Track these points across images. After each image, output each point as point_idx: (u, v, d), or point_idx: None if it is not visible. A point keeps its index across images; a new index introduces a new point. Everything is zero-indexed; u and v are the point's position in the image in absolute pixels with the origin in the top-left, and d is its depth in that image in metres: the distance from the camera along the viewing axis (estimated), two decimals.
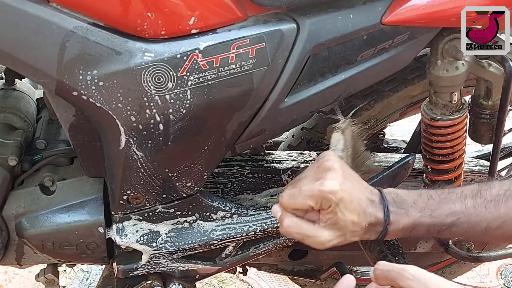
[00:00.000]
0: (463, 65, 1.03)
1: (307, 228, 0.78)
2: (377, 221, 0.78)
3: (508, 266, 2.05)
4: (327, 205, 0.76)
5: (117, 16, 0.79)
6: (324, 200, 0.76)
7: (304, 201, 0.77)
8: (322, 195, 0.76)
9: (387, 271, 0.65)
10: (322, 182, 0.76)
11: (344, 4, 0.90)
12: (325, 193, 0.75)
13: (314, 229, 0.78)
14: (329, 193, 0.75)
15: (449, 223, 0.78)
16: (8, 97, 1.09)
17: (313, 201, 0.76)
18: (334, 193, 0.75)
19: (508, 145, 1.46)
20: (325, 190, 0.75)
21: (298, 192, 0.77)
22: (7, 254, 1.05)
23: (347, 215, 0.76)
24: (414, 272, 0.63)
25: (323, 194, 0.76)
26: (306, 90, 0.93)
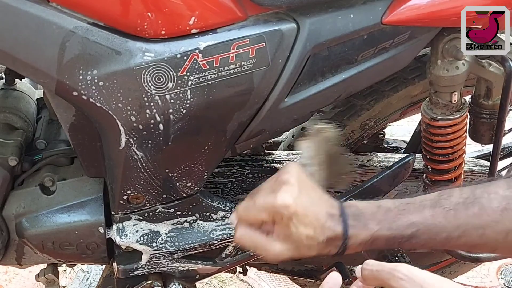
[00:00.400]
0: (463, 65, 1.03)
1: (260, 240, 0.76)
2: (336, 235, 0.75)
3: (508, 266, 2.05)
4: (279, 219, 0.74)
5: (117, 16, 0.79)
6: (276, 213, 0.74)
7: (257, 214, 0.75)
8: (274, 209, 0.74)
9: (376, 271, 0.61)
10: (275, 196, 0.74)
11: (344, 4, 0.90)
12: (277, 207, 0.73)
13: (267, 241, 0.76)
14: (281, 207, 0.73)
15: (409, 235, 0.74)
16: (8, 97, 1.09)
17: (265, 214, 0.74)
18: (287, 207, 0.73)
19: (508, 145, 1.46)
20: (277, 203, 0.73)
21: (252, 205, 0.76)
22: (7, 254, 1.05)
23: (301, 229, 0.74)
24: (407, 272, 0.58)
25: (275, 208, 0.73)
26: (306, 90, 0.93)
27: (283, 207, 0.73)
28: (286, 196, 0.74)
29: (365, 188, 1.12)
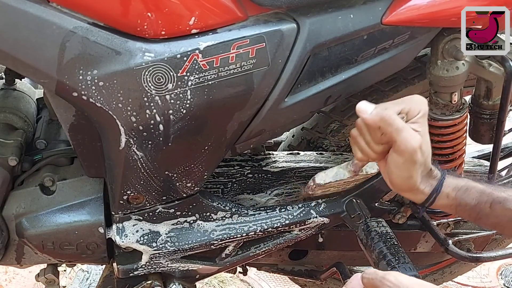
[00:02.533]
0: (463, 65, 1.03)
1: (400, 121, 0.79)
2: (435, 174, 0.85)
3: (508, 266, 2.05)
4: (415, 112, 0.80)
5: (117, 16, 0.79)
6: (414, 105, 0.80)
7: (395, 107, 0.80)
8: (411, 101, 0.80)
9: (372, 279, 0.69)
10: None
11: (344, 4, 0.90)
12: (415, 99, 0.81)
13: (407, 125, 0.80)
14: (419, 102, 0.81)
15: (504, 198, 0.81)
16: (8, 97, 1.09)
17: (403, 105, 0.80)
18: (424, 103, 0.81)
19: (508, 145, 1.46)
20: (414, 97, 0.81)
21: (387, 104, 0.81)
22: (7, 254, 1.05)
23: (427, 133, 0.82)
24: (394, 279, 0.66)
25: (413, 100, 0.81)
26: (306, 90, 0.93)
27: (421, 102, 0.82)
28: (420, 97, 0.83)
29: (365, 188, 1.12)
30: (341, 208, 1.11)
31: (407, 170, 0.82)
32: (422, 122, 0.81)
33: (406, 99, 0.82)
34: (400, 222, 1.22)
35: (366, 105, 0.81)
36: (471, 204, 0.84)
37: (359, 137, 0.85)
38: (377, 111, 0.79)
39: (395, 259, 0.99)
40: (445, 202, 0.85)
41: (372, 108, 0.80)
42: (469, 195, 0.83)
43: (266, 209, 1.09)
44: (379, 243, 1.02)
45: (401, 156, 0.80)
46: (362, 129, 0.83)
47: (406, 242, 1.26)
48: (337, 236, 1.25)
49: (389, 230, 1.06)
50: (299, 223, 1.09)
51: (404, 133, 0.79)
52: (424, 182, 0.84)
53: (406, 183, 0.83)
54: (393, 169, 0.82)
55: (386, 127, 0.79)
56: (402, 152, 0.80)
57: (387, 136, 0.80)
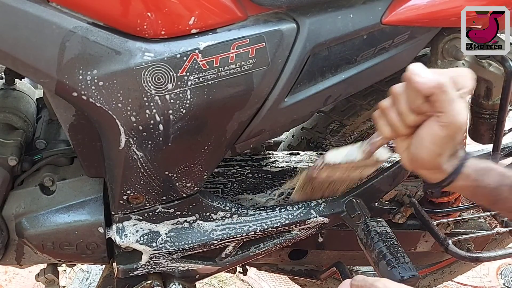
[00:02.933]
0: (463, 65, 1.03)
1: (454, 91, 0.75)
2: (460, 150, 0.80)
3: (508, 266, 2.06)
4: (461, 85, 0.75)
5: (117, 16, 0.79)
6: (461, 78, 0.76)
7: (447, 74, 0.75)
8: (460, 74, 0.76)
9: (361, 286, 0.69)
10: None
11: (344, 4, 0.90)
12: (464, 72, 0.77)
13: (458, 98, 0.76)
14: (467, 76, 0.77)
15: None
16: (8, 97, 1.09)
17: (453, 75, 0.75)
18: (471, 78, 0.77)
19: (508, 145, 1.46)
20: (463, 70, 0.77)
21: (439, 70, 0.76)
22: (7, 254, 1.05)
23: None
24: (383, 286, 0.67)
25: (462, 73, 0.77)
26: (306, 90, 0.93)
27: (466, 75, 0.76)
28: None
29: (365, 188, 1.12)
30: (341, 208, 1.11)
31: (442, 147, 0.76)
32: (465, 98, 0.76)
33: (455, 70, 0.76)
34: (400, 222, 1.22)
35: (420, 67, 0.74)
36: (490, 187, 0.79)
37: (390, 109, 0.79)
38: (434, 76, 0.73)
39: (395, 259, 0.99)
40: (464, 183, 0.80)
41: (427, 72, 0.74)
42: (489, 176, 0.79)
43: (266, 209, 1.09)
44: (379, 243, 1.02)
45: (445, 130, 0.74)
46: (399, 97, 0.77)
47: (406, 242, 1.26)
48: (337, 236, 1.25)
49: (389, 230, 1.06)
50: (299, 223, 1.09)
51: (457, 105, 0.74)
52: (447, 161, 0.79)
53: (433, 161, 0.78)
54: (426, 143, 0.76)
55: (440, 94, 0.73)
56: (448, 125, 0.74)
57: (435, 105, 0.74)
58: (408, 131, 0.79)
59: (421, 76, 0.73)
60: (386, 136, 0.82)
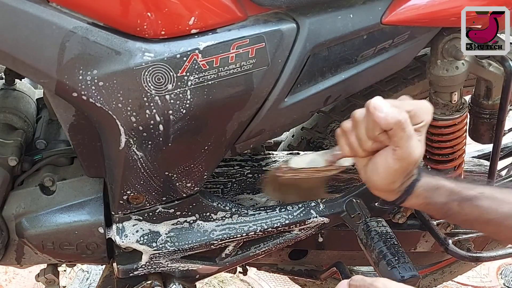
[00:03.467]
0: (463, 65, 1.03)
1: (411, 128, 0.78)
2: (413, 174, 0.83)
3: (508, 266, 2.05)
4: (419, 119, 0.78)
5: (117, 16, 0.79)
6: (420, 111, 0.78)
7: (406, 108, 0.77)
8: (419, 107, 0.79)
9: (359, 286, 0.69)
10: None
11: (344, 4, 0.90)
12: (423, 106, 0.80)
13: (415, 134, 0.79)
14: (425, 110, 0.80)
15: (473, 195, 0.81)
16: (8, 97, 1.09)
17: (412, 108, 0.78)
18: (429, 112, 0.80)
19: (508, 145, 1.46)
20: (422, 104, 0.80)
21: (398, 104, 0.79)
22: (7, 254, 1.05)
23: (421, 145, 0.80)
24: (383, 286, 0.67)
25: (421, 106, 0.79)
26: (306, 90, 0.93)
27: (427, 109, 0.80)
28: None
29: (365, 188, 1.12)
30: (341, 208, 1.11)
31: (395, 176, 0.80)
32: (423, 132, 0.80)
33: (414, 103, 0.79)
34: (400, 222, 1.22)
35: (381, 102, 0.77)
36: (439, 203, 0.83)
37: (350, 132, 0.83)
38: (393, 113, 0.76)
39: (395, 259, 0.99)
40: (415, 201, 0.84)
41: (387, 107, 0.77)
42: (438, 194, 0.83)
43: (266, 209, 1.09)
44: (379, 243, 1.02)
45: (398, 163, 0.78)
46: (359, 123, 0.81)
47: (406, 242, 1.26)
48: (337, 236, 1.25)
49: (389, 230, 1.06)
50: (299, 223, 1.09)
51: (413, 142, 0.77)
52: (400, 185, 0.83)
53: (386, 186, 0.82)
54: (380, 171, 0.80)
55: (398, 131, 0.76)
56: (402, 160, 0.78)
57: (392, 139, 0.78)
58: (366, 153, 0.83)
59: (382, 111, 0.76)
60: (345, 155, 0.86)
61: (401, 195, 0.83)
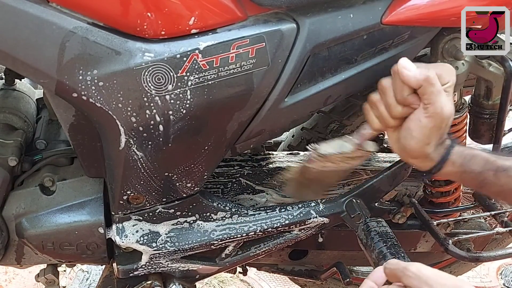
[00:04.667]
0: (463, 65, 1.03)
1: (440, 84, 0.79)
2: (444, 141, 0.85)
3: (508, 266, 2.06)
4: (446, 80, 0.80)
5: (117, 16, 0.79)
6: (445, 73, 0.81)
7: (433, 69, 0.80)
8: (443, 68, 0.82)
9: (394, 269, 0.69)
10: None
11: (344, 4, 0.90)
12: (446, 67, 0.83)
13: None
14: (450, 71, 0.83)
15: (509, 166, 0.82)
16: (8, 97, 1.09)
17: (437, 70, 0.80)
18: (454, 73, 0.83)
19: (508, 145, 1.46)
20: (445, 65, 0.84)
21: (426, 65, 0.82)
22: (7, 254, 1.05)
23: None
24: (416, 270, 0.66)
25: (445, 68, 0.82)
26: (306, 90, 0.93)
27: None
28: None
29: (365, 188, 1.12)
30: (341, 208, 1.11)
31: (429, 136, 0.81)
32: (450, 92, 0.81)
33: (439, 65, 0.81)
34: (400, 222, 1.22)
35: (408, 62, 0.80)
36: (475, 172, 0.84)
37: (379, 102, 0.84)
38: (422, 70, 0.79)
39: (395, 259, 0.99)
40: (451, 169, 0.85)
41: (414, 67, 0.79)
42: (474, 163, 0.84)
43: (266, 209, 1.09)
44: (379, 243, 1.02)
45: (431, 120, 0.80)
46: (387, 90, 0.82)
47: (406, 242, 1.26)
48: (337, 236, 1.25)
49: (389, 230, 1.06)
50: (299, 223, 1.09)
51: (442, 97, 0.79)
52: (435, 149, 0.84)
53: (421, 150, 0.83)
54: (415, 133, 0.82)
55: (428, 87, 0.78)
56: (435, 116, 0.79)
57: (422, 97, 0.79)
58: (396, 122, 0.84)
59: (410, 70, 0.79)
60: (375, 128, 0.88)
61: (438, 162, 0.84)
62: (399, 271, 0.68)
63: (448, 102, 0.80)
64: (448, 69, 0.82)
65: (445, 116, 0.80)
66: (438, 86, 0.79)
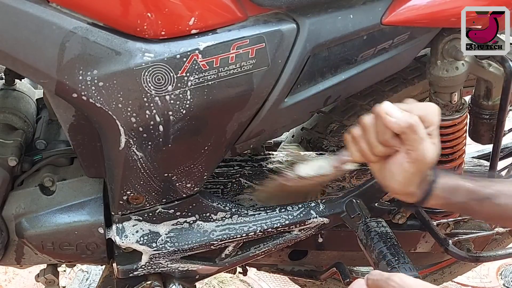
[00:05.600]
0: (463, 65, 1.03)
1: (423, 130, 0.78)
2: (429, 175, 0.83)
3: (508, 266, 2.05)
4: (430, 123, 0.78)
5: (117, 17, 0.79)
6: (429, 115, 0.79)
7: (416, 113, 0.78)
8: (427, 110, 0.79)
9: (377, 280, 0.69)
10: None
11: (344, 4, 0.90)
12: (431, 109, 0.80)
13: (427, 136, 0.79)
14: (434, 112, 0.80)
15: (492, 194, 0.81)
16: (8, 97, 1.09)
17: (421, 112, 0.78)
18: (437, 114, 0.80)
19: (508, 145, 1.46)
20: (430, 106, 0.81)
21: (408, 107, 0.79)
22: (7, 254, 1.05)
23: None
24: (399, 280, 0.66)
25: (429, 109, 0.80)
26: (306, 90, 0.93)
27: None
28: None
29: (365, 188, 1.12)
30: (341, 208, 1.11)
31: (411, 179, 0.81)
32: (434, 134, 0.80)
33: (423, 107, 0.80)
34: (400, 222, 1.22)
35: (391, 108, 0.78)
36: (460, 203, 0.84)
37: (361, 138, 0.83)
38: (405, 117, 0.77)
39: (395, 259, 0.99)
40: (435, 202, 0.85)
41: (398, 112, 0.78)
42: (457, 195, 0.83)
43: (266, 209, 1.09)
44: (379, 243, 1.02)
45: (414, 166, 0.79)
46: (368, 130, 0.81)
47: (406, 242, 1.26)
48: (337, 236, 1.25)
49: (389, 230, 1.06)
50: (299, 224, 1.09)
51: (426, 143, 0.78)
52: (417, 187, 0.83)
53: (404, 190, 0.83)
54: (397, 177, 0.81)
55: (411, 134, 0.77)
56: (417, 162, 0.79)
57: (405, 143, 0.78)
58: (377, 158, 0.83)
59: (393, 116, 0.77)
60: (356, 160, 0.86)
61: (421, 198, 0.84)
62: (382, 282, 0.68)
63: (431, 147, 0.79)
64: (432, 111, 0.80)
65: (428, 162, 0.79)
66: (421, 133, 0.77)
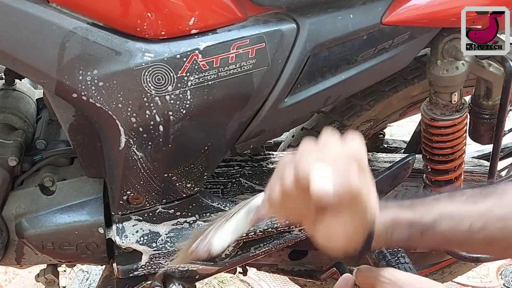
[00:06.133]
0: (463, 65, 1.03)
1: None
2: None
3: (508, 266, 2.05)
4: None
5: (117, 16, 0.79)
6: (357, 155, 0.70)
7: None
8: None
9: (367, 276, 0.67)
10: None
11: (344, 4, 0.90)
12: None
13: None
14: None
15: (432, 221, 0.70)
16: (8, 97, 1.09)
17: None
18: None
19: (508, 145, 1.46)
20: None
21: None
22: (7, 254, 1.05)
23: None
24: (390, 275, 0.65)
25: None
26: (306, 90, 0.93)
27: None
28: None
29: None
30: None
31: (357, 236, 0.69)
32: (366, 168, 0.72)
33: (350, 147, 0.71)
34: None
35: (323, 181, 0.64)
36: (403, 240, 0.73)
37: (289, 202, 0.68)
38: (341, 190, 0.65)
39: (394, 259, 0.99)
40: (377, 245, 0.73)
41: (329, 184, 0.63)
42: (398, 232, 0.72)
43: None
44: None
45: (359, 225, 0.68)
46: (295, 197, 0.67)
47: None
48: None
49: None
50: (299, 223, 1.09)
51: (371, 203, 0.70)
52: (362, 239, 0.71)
53: (345, 249, 0.71)
54: (340, 236, 0.69)
55: (353, 203, 0.68)
56: (363, 221, 0.69)
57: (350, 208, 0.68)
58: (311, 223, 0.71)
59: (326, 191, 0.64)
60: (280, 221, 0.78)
61: (361, 252, 0.71)
62: (372, 278, 0.65)
63: (374, 200, 0.70)
64: (357, 146, 0.71)
65: (373, 216, 0.69)
66: (365, 200, 0.69)
